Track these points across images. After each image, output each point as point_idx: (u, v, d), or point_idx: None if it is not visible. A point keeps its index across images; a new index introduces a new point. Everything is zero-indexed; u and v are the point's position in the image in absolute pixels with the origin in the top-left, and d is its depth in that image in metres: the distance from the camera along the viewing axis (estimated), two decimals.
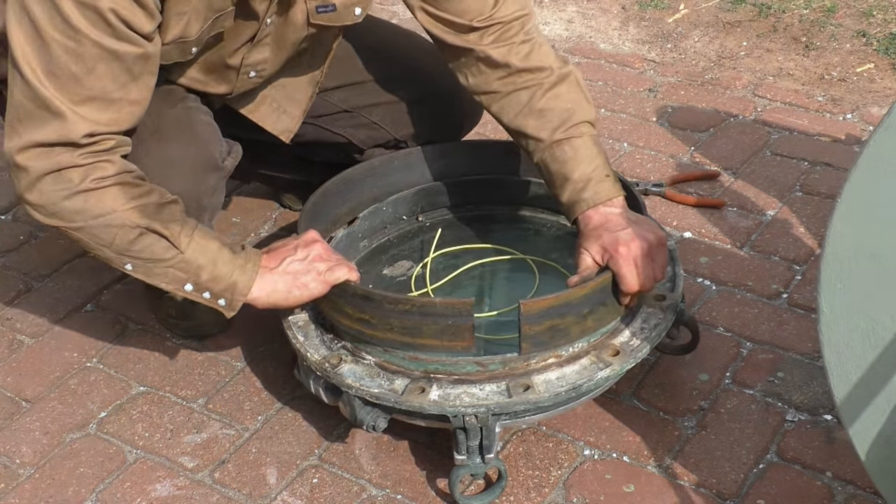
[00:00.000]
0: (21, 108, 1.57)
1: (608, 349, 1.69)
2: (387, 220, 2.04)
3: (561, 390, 1.63)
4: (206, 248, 1.67)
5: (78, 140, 1.57)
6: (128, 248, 1.64)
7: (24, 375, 2.01)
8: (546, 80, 1.80)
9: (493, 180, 2.06)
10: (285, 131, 1.99)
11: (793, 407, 1.84)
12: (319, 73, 1.97)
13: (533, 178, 2.02)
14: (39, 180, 1.59)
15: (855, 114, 2.59)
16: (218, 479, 1.79)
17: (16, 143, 1.59)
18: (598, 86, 2.77)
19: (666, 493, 1.71)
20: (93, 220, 1.61)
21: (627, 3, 3.17)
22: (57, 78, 1.54)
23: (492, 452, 1.66)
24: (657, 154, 2.50)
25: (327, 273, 1.69)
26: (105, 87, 1.57)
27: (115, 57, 1.55)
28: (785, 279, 2.11)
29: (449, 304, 1.62)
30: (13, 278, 2.25)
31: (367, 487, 1.76)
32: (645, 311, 1.76)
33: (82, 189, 1.59)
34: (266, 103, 1.96)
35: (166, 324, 2.07)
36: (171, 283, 1.68)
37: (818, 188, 2.34)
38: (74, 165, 1.58)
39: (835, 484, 1.71)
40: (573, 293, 1.63)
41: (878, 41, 2.86)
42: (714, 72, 2.80)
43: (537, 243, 2.01)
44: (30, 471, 1.82)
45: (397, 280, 1.95)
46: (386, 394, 1.65)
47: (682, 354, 1.91)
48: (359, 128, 2.09)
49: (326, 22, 1.81)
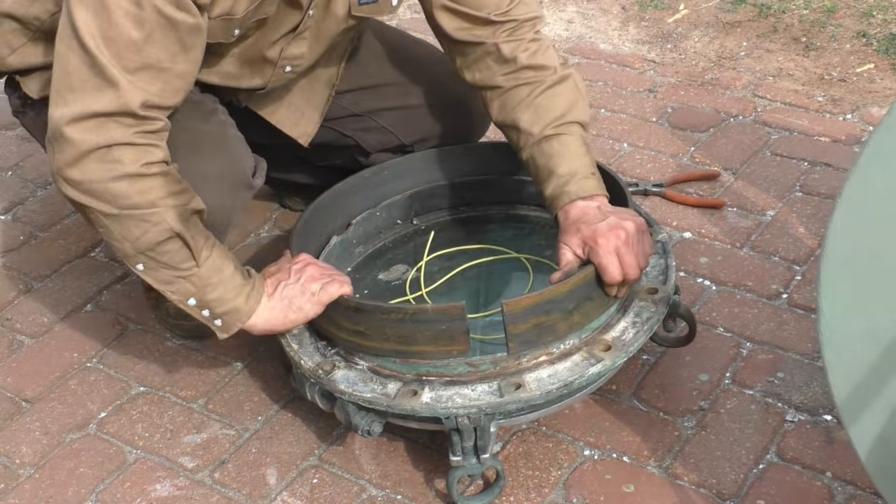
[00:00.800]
0: (75, 75, 1.53)
1: (600, 344, 1.69)
2: (381, 226, 2.05)
3: (552, 388, 1.63)
4: (221, 268, 1.67)
5: (136, 110, 1.54)
6: (150, 249, 1.62)
7: (24, 375, 2.01)
8: (548, 78, 1.82)
9: (487, 181, 2.06)
10: (303, 135, 2.00)
11: (793, 407, 1.84)
12: (336, 76, 1.99)
13: (526, 178, 2.03)
14: (86, 156, 1.55)
15: (855, 114, 2.59)
16: (218, 480, 1.79)
17: (65, 113, 1.54)
18: (598, 86, 2.77)
19: (666, 493, 1.71)
20: (129, 210, 1.58)
21: (627, 4, 3.17)
22: (115, 43, 1.52)
23: (487, 453, 1.66)
24: (657, 154, 2.50)
25: (321, 293, 1.69)
26: (159, 55, 1.55)
27: (172, 25, 1.54)
28: (785, 279, 2.10)
29: (441, 309, 1.62)
30: (13, 278, 2.25)
31: (366, 488, 1.76)
32: (637, 305, 1.75)
33: (131, 172, 1.56)
34: (285, 106, 1.97)
35: (166, 324, 2.07)
36: (177, 294, 1.67)
37: (818, 188, 2.34)
38: (128, 143, 1.55)
39: (835, 484, 1.71)
40: (556, 290, 1.63)
41: (878, 41, 2.86)
42: (714, 72, 2.80)
43: (532, 242, 2.02)
44: (30, 471, 1.82)
45: (393, 284, 1.95)
46: (379, 398, 1.65)
47: (680, 346, 1.90)
48: (369, 131, 2.10)
49: (367, 13, 1.84)
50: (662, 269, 1.81)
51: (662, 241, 1.86)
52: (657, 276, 1.80)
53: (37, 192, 2.49)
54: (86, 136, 1.54)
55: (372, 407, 1.65)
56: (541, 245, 2.00)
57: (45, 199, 2.46)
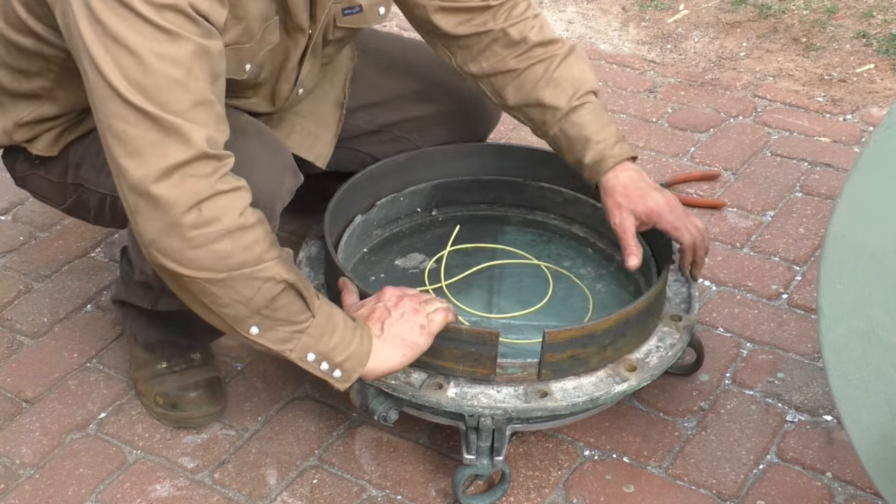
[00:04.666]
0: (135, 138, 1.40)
1: (624, 363, 1.69)
2: (402, 211, 2.05)
3: (578, 401, 1.63)
4: (332, 314, 1.55)
5: (206, 149, 1.41)
6: (266, 306, 1.48)
7: (24, 376, 2.01)
8: (559, 51, 1.84)
9: (512, 183, 2.06)
10: (320, 157, 1.96)
11: (793, 407, 1.84)
12: (343, 96, 1.98)
13: (552, 185, 2.03)
14: (184, 216, 1.40)
15: (855, 114, 2.59)
16: (218, 480, 1.79)
17: (147, 172, 1.40)
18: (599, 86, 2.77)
19: (666, 493, 1.71)
20: (238, 271, 1.44)
21: (627, 4, 3.17)
22: (160, 91, 1.39)
23: (501, 455, 1.66)
24: (657, 154, 2.50)
25: (430, 325, 1.61)
26: (202, 88, 1.43)
27: (205, 53, 1.42)
28: (785, 279, 2.10)
29: (475, 332, 1.62)
30: (13, 278, 2.25)
31: (367, 488, 1.76)
32: (661, 330, 1.75)
33: (231, 228, 1.42)
34: (297, 131, 1.94)
35: (153, 412, 1.90)
36: (296, 352, 1.53)
37: (818, 188, 2.34)
38: (216, 193, 1.41)
39: (835, 484, 1.71)
40: (598, 325, 1.64)
41: (878, 42, 2.86)
42: (714, 72, 2.80)
43: (550, 250, 2.01)
44: (30, 471, 1.82)
45: (409, 272, 1.96)
46: (403, 386, 1.64)
47: (684, 375, 1.91)
48: (385, 143, 2.09)
49: (353, 24, 1.81)
50: (685, 298, 1.82)
51: None
52: (679, 304, 1.81)
53: None
54: (172, 191, 1.40)
55: (395, 394, 1.65)
56: (559, 255, 2.00)
57: None
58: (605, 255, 1.99)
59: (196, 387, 1.87)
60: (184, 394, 1.86)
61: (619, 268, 1.92)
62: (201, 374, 1.89)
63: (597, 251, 2.01)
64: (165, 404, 1.88)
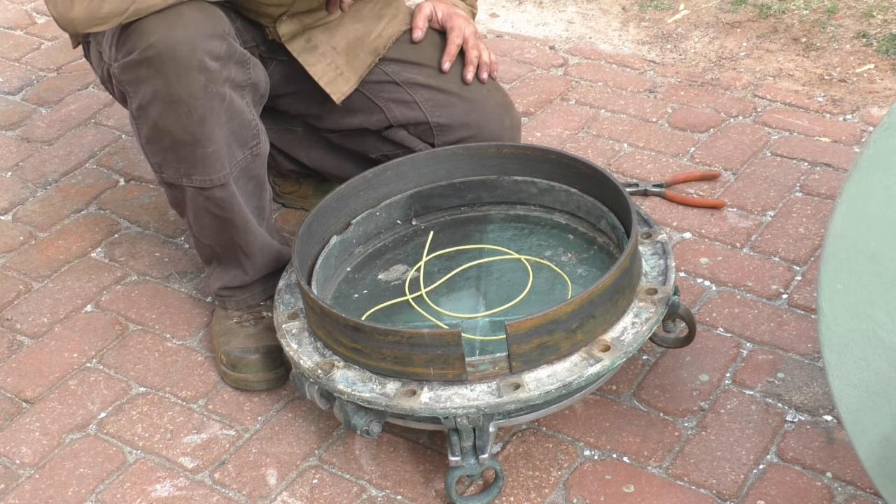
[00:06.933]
0: None
1: (598, 345, 1.68)
2: (381, 226, 2.04)
3: (551, 388, 1.63)
4: None
5: None
6: None
7: (24, 376, 2.01)
8: None
9: (486, 181, 2.06)
10: (338, 92, 2.02)
11: (793, 407, 1.84)
12: (382, 46, 2.05)
13: (527, 178, 2.03)
14: None
15: (855, 114, 2.59)
16: (218, 480, 1.79)
17: None
18: (599, 86, 2.77)
19: (666, 493, 1.72)
20: None
21: (627, 4, 3.17)
22: None
23: (486, 453, 1.66)
24: (657, 154, 2.50)
25: None
26: None
27: None
28: (785, 279, 2.11)
29: (437, 334, 1.62)
30: (13, 278, 2.25)
31: (367, 488, 1.76)
32: (636, 306, 1.75)
33: None
34: (325, 62, 2.00)
35: (219, 370, 2.00)
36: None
37: (818, 188, 2.34)
38: None
39: (835, 484, 1.71)
40: (560, 310, 1.63)
41: (878, 42, 2.86)
42: (714, 72, 2.80)
43: (532, 242, 2.02)
44: (30, 471, 1.82)
45: (392, 284, 1.95)
46: (377, 398, 1.64)
47: (679, 347, 1.90)
48: (399, 103, 2.10)
49: None
50: (662, 270, 1.81)
51: (662, 241, 1.86)
52: (656, 277, 1.80)
53: (37, 192, 2.49)
54: None
55: (371, 407, 1.65)
56: (541, 245, 2.00)
57: (45, 199, 2.46)
58: (586, 238, 1.99)
59: (256, 351, 1.91)
60: (244, 356, 1.90)
61: (600, 250, 1.94)
62: (266, 339, 1.93)
63: (578, 236, 2.00)
64: (227, 363, 1.93)
